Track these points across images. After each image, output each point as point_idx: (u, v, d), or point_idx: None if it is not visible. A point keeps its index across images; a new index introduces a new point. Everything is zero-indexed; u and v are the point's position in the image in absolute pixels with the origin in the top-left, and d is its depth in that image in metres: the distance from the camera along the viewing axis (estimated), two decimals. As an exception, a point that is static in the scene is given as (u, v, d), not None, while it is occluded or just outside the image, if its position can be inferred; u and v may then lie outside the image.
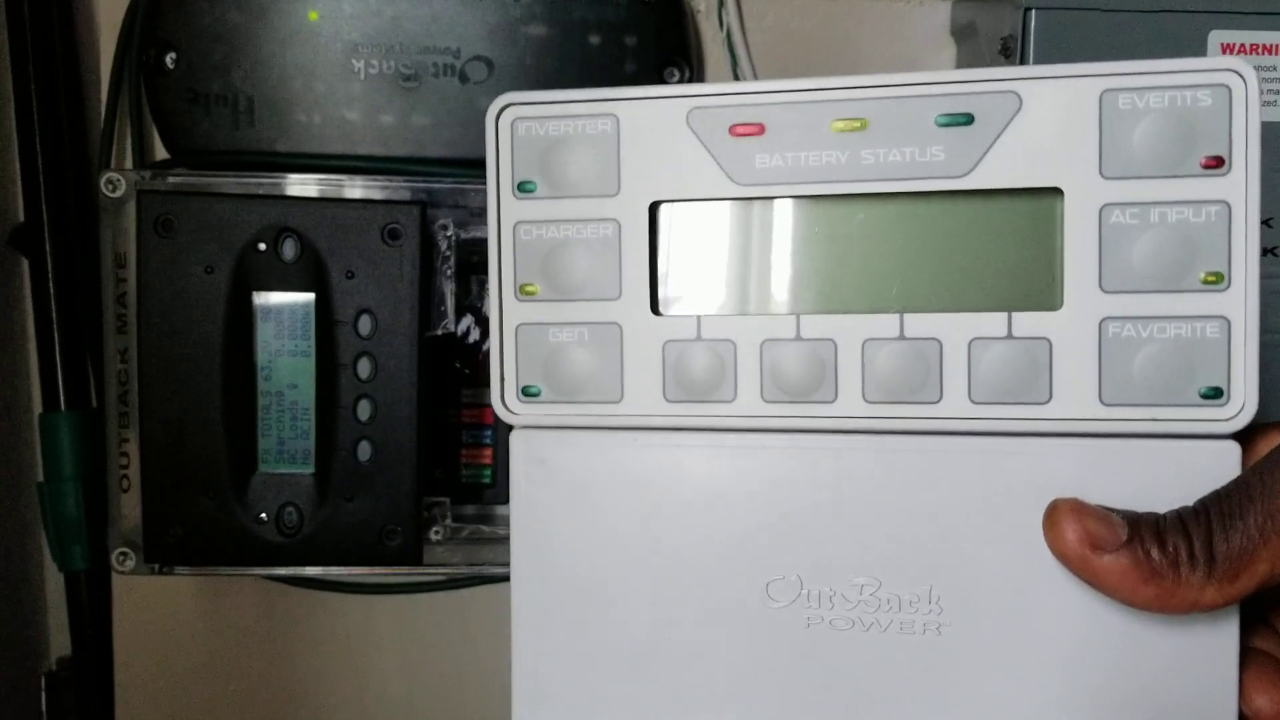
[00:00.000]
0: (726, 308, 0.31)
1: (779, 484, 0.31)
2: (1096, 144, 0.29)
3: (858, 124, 0.30)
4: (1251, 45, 0.43)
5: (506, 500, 0.47)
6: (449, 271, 0.45)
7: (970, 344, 0.30)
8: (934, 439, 0.30)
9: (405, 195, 0.45)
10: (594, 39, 0.47)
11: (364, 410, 0.44)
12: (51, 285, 0.52)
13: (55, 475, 0.52)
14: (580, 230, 0.32)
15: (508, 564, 0.32)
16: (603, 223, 0.31)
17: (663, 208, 0.31)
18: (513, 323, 0.32)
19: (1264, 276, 0.43)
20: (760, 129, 0.31)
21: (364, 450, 0.44)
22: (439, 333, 0.46)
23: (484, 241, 0.46)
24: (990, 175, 0.30)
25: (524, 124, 0.32)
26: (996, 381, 0.30)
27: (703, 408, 0.31)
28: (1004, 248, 0.30)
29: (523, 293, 0.32)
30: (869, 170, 0.30)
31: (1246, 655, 0.29)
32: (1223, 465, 0.29)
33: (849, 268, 0.31)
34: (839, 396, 0.31)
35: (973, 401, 0.30)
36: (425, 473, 0.45)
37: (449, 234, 0.45)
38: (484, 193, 0.45)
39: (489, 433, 0.48)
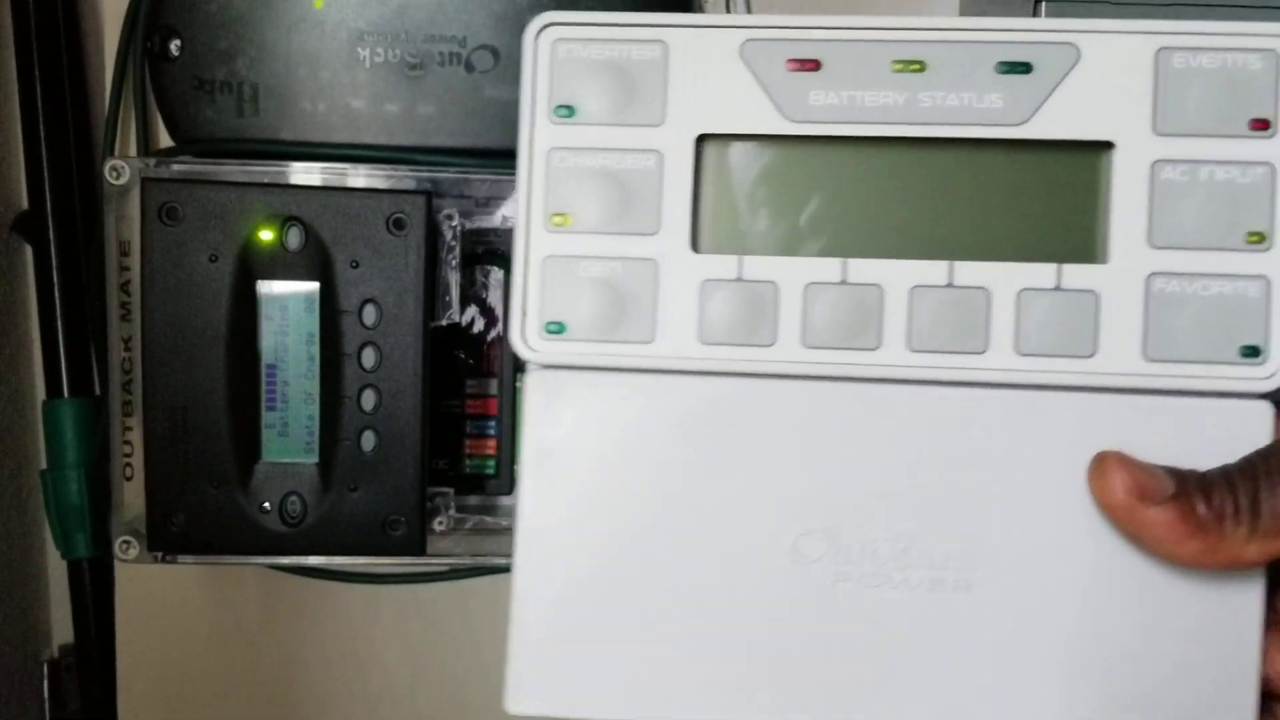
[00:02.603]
0: (769, 248, 0.30)
1: (814, 435, 0.30)
2: (1150, 100, 0.29)
3: (916, 66, 0.30)
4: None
5: (510, 491, 0.47)
6: (454, 262, 0.45)
7: (1019, 294, 0.30)
8: (976, 391, 0.30)
9: (410, 185, 0.45)
10: (601, 28, 0.47)
11: (368, 400, 0.44)
12: (55, 273, 0.52)
13: (58, 463, 0.52)
14: (620, 160, 0.30)
15: (510, 555, 0.31)
16: (645, 153, 0.30)
17: (709, 142, 0.30)
18: (540, 254, 0.31)
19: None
20: (816, 65, 0.30)
21: (368, 440, 0.44)
22: (444, 323, 0.45)
23: (490, 231, 0.47)
24: (1046, 125, 0.30)
25: (565, 45, 0.30)
26: (1044, 334, 0.30)
27: (740, 351, 0.30)
28: (1055, 199, 0.30)
29: (552, 223, 0.30)
30: (926, 114, 0.30)
31: (1267, 624, 0.30)
32: (1256, 425, 0.29)
33: (899, 212, 0.30)
34: (883, 344, 0.30)
35: (1019, 354, 0.30)
36: (429, 463, 0.45)
37: (454, 224, 0.45)
38: (489, 183, 0.46)
39: (493, 424, 0.48)
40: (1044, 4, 0.43)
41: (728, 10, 0.51)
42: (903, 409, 0.30)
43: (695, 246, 0.30)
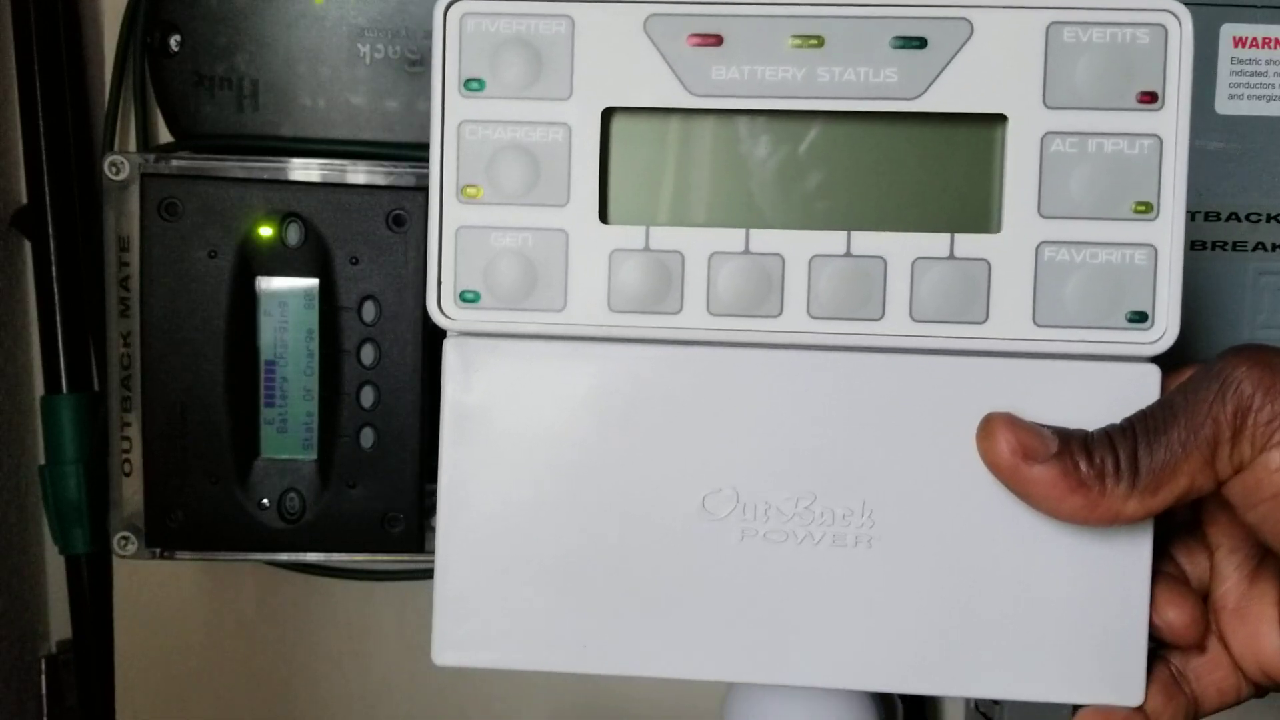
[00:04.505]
0: (675, 219, 0.31)
1: (720, 398, 0.31)
2: (1041, 74, 0.30)
3: (815, 41, 0.30)
4: (1264, 39, 0.43)
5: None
6: (454, 258, 0.45)
7: (914, 263, 0.31)
8: (874, 356, 0.31)
9: (410, 181, 0.45)
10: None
11: (367, 397, 0.44)
12: (54, 268, 0.52)
13: (57, 458, 0.52)
14: (529, 133, 0.31)
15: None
16: (553, 126, 0.31)
17: (615, 115, 0.31)
18: (453, 225, 0.31)
19: (1263, 273, 0.44)
20: (718, 40, 0.31)
21: (367, 437, 0.44)
22: (443, 320, 0.45)
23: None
24: (940, 99, 0.30)
25: (474, 19, 0.31)
26: (937, 301, 0.31)
27: (647, 319, 0.31)
28: (949, 171, 0.31)
29: (464, 194, 0.31)
30: (824, 88, 0.30)
31: (1156, 576, 0.31)
32: (1143, 387, 0.30)
33: (800, 184, 0.31)
34: (784, 311, 0.31)
35: (914, 320, 0.31)
36: (428, 460, 0.45)
37: (454, 220, 0.45)
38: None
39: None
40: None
41: None
42: (804, 373, 0.31)
43: (604, 217, 0.31)
